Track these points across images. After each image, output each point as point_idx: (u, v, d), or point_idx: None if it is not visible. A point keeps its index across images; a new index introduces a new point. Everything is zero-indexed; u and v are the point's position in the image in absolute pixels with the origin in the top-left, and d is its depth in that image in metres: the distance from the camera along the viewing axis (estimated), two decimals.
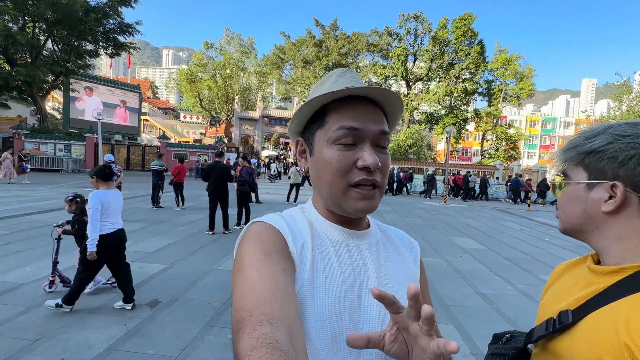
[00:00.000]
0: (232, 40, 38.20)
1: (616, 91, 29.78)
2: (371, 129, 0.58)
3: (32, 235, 5.84)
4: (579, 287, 0.62)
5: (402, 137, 28.46)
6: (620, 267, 0.56)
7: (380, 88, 0.58)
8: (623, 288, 0.54)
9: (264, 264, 0.49)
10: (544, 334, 0.60)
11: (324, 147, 0.59)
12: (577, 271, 0.69)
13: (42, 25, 19.70)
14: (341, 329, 0.54)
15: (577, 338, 0.55)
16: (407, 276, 0.65)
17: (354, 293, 0.57)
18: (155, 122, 42.36)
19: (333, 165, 0.57)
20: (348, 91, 0.57)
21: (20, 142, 19.32)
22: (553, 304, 0.66)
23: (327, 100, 0.59)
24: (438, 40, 30.46)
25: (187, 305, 3.48)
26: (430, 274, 4.91)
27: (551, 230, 9.48)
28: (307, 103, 0.60)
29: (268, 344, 0.37)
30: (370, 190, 0.57)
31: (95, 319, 3.08)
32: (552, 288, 0.73)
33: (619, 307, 0.52)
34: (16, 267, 4.29)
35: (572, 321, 0.56)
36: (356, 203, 0.57)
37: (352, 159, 0.57)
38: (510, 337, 0.72)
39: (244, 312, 0.42)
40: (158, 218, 8.00)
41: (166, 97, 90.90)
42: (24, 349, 2.56)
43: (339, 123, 0.58)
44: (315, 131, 0.61)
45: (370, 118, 0.58)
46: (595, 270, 0.61)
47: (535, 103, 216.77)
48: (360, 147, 0.57)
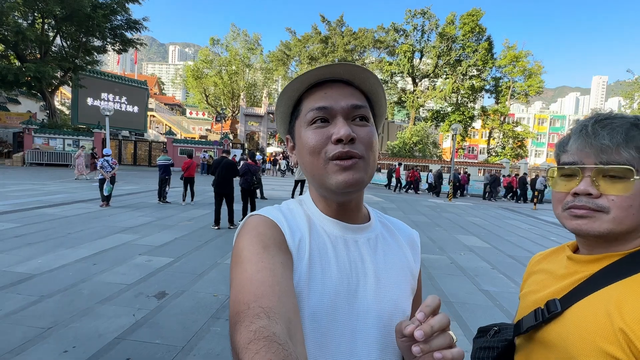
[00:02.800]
0: (238, 36, 38.22)
1: (627, 89, 29.27)
2: (341, 105, 0.58)
3: (43, 228, 5.97)
4: (561, 276, 0.64)
5: (408, 134, 28.30)
6: (603, 255, 0.58)
7: (341, 63, 0.58)
8: (609, 275, 0.56)
9: (261, 258, 0.49)
10: (533, 324, 0.60)
11: (302, 132, 0.60)
12: (556, 261, 0.70)
13: (51, 22, 19.90)
14: (336, 323, 0.54)
15: (567, 326, 0.56)
16: (405, 271, 0.65)
17: (350, 288, 0.57)
18: (161, 118, 42.67)
19: (309, 144, 0.57)
20: (310, 73, 0.57)
21: (30, 137, 19.64)
22: (535, 293, 0.66)
23: (299, 89, 0.61)
24: (445, 36, 30.12)
25: (194, 297, 3.55)
26: (433, 271, 4.93)
27: (557, 229, 9.40)
28: (279, 99, 0.62)
29: (265, 336, 0.37)
30: (349, 160, 0.56)
31: (105, 310, 3.16)
32: (531, 279, 0.73)
33: (609, 293, 0.53)
34: (29, 259, 4.41)
35: (561, 310, 0.57)
36: (337, 176, 0.56)
37: (327, 134, 0.57)
38: (498, 330, 0.71)
39: (242, 305, 0.42)
40: (164, 213, 8.11)
41: (172, 93, 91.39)
42: (37, 337, 2.65)
43: (310, 106, 0.59)
44: (294, 123, 0.63)
45: (340, 94, 0.58)
46: (578, 259, 0.62)
47: (543, 100, 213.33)
48: (333, 123, 0.57)
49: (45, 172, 16.38)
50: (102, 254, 4.77)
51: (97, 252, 4.86)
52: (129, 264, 4.44)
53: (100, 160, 8.49)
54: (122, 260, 4.58)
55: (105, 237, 5.69)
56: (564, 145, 0.64)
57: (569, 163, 0.60)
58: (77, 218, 6.98)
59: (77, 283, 3.72)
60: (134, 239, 5.66)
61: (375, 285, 0.59)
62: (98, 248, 5.03)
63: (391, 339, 0.58)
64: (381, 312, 0.58)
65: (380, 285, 0.59)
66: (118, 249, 5.10)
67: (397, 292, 0.61)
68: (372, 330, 0.57)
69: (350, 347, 0.55)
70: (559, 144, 0.66)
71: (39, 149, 19.73)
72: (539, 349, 0.61)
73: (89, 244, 5.23)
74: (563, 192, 0.61)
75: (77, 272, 4.03)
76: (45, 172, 16.66)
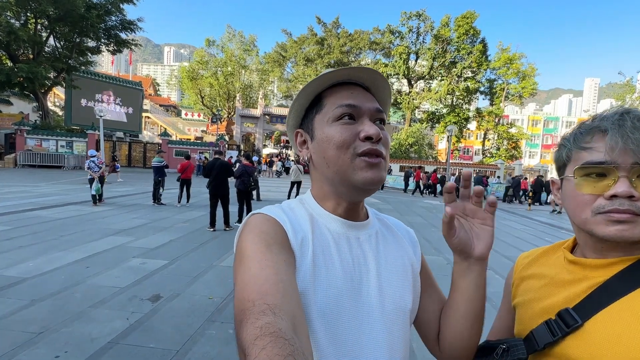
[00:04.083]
0: (234, 37, 38.14)
1: (619, 91, 29.64)
2: (367, 106, 0.60)
3: (34, 231, 5.88)
4: (567, 282, 0.59)
5: (404, 135, 28.41)
6: (616, 260, 0.55)
7: (368, 68, 0.61)
8: (626, 281, 0.52)
9: (265, 256, 0.50)
10: (551, 340, 0.55)
11: (325, 127, 0.60)
12: (551, 264, 0.65)
13: (44, 22, 19.69)
14: (342, 319, 0.55)
15: (594, 340, 0.51)
16: (407, 265, 0.66)
17: (354, 284, 0.58)
18: (156, 120, 42.42)
19: (336, 138, 0.58)
20: (339, 72, 0.60)
21: (22, 139, 19.39)
22: (538, 301, 0.61)
23: (322, 85, 0.62)
24: (440, 38, 30.34)
25: (189, 300, 3.51)
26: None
27: (551, 230, 9.48)
28: (302, 92, 0.62)
29: (272, 332, 0.38)
30: (377, 159, 0.58)
31: (98, 313, 3.11)
32: (525, 285, 0.67)
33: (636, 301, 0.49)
34: (19, 262, 4.33)
35: (581, 322, 0.52)
36: (364, 172, 0.57)
37: (354, 131, 0.58)
38: (507, 348, 0.62)
39: (247, 303, 0.43)
40: (159, 215, 8.03)
41: (167, 95, 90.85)
42: (28, 342, 2.60)
43: (337, 102, 0.60)
44: (314, 117, 0.63)
45: (364, 97, 0.61)
46: (585, 263, 0.58)
47: (537, 102, 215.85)
48: (360, 121, 0.59)
49: (37, 174, 16.17)
50: (95, 257, 4.70)
51: (90, 254, 4.79)
52: (123, 267, 4.38)
53: (87, 161, 8.81)
54: (115, 263, 4.51)
55: (98, 239, 5.61)
56: (582, 141, 0.57)
57: (598, 162, 0.53)
58: (70, 220, 6.89)
59: (69, 286, 3.66)
60: (128, 241, 5.59)
61: (378, 281, 0.60)
62: (91, 251, 4.96)
63: (396, 333, 0.59)
64: (384, 307, 0.59)
65: (382, 281, 0.61)
66: (112, 251, 5.03)
67: (399, 287, 0.63)
68: (377, 325, 0.58)
69: (357, 342, 0.56)
70: (575, 140, 0.58)
71: (31, 150, 19.48)
72: None
73: (81, 246, 5.15)
74: (593, 194, 0.54)
75: (69, 276, 3.96)
76: (37, 173, 16.45)
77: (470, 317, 0.63)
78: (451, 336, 0.64)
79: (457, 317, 0.64)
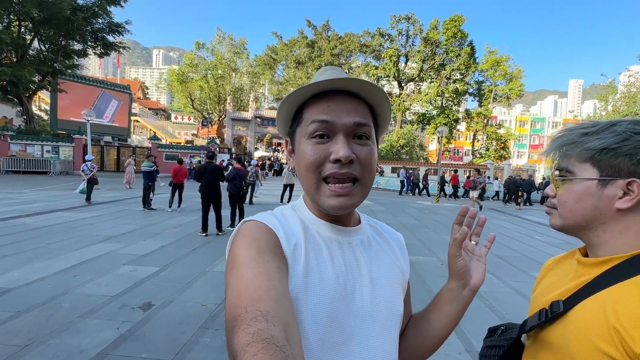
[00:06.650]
0: (224, 40, 37.96)
1: (602, 92, 30.51)
2: (344, 121, 0.56)
3: (19, 239, 5.70)
4: (569, 279, 0.64)
5: (395, 137, 28.64)
6: (608, 258, 0.59)
7: (351, 79, 0.56)
8: (610, 277, 0.57)
9: (257, 262, 0.49)
10: (536, 324, 0.62)
11: (302, 142, 0.59)
12: (566, 265, 0.71)
13: (28, 24, 19.27)
14: (335, 324, 0.55)
15: (568, 326, 0.57)
16: (397, 271, 0.67)
17: (347, 290, 0.58)
18: (145, 123, 41.82)
19: (306, 159, 0.57)
20: (317, 85, 0.56)
21: (6, 144, 18.86)
22: (544, 295, 0.68)
23: (302, 97, 0.59)
24: (429, 41, 30.77)
25: (181, 307, 3.44)
26: (424, 273, 4.95)
27: (541, 228, 9.65)
28: (284, 101, 0.60)
29: (264, 339, 0.37)
30: (344, 186, 0.56)
31: (87, 324, 3.02)
32: (543, 282, 0.75)
33: (607, 294, 0.54)
34: (4, 272, 4.18)
35: (563, 310, 0.58)
36: (330, 200, 0.57)
37: (326, 152, 0.56)
38: (505, 329, 0.75)
39: (239, 309, 0.42)
40: (150, 220, 7.89)
41: (157, 98, 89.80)
42: (14, 355, 2.50)
43: (312, 117, 0.58)
44: (296, 129, 0.62)
45: (344, 109, 0.57)
46: (585, 262, 0.63)
47: (524, 103, 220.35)
48: (334, 139, 0.57)
49: (22, 180, 15.73)
50: (83, 265, 4.58)
51: (78, 262, 4.66)
52: (113, 275, 4.27)
53: (82, 165, 9.84)
54: (105, 270, 4.40)
55: (86, 246, 5.47)
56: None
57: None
58: (57, 227, 6.71)
59: (56, 296, 3.54)
60: (117, 248, 5.46)
61: (371, 286, 0.61)
62: (79, 258, 4.82)
63: (388, 338, 0.60)
64: (377, 312, 0.60)
65: (375, 286, 0.61)
66: (100, 258, 4.90)
67: (391, 292, 0.63)
68: (370, 330, 0.58)
69: (350, 347, 0.56)
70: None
71: (15, 156, 18.96)
72: (544, 350, 0.62)
73: (69, 254, 5.01)
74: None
75: (56, 285, 3.84)
76: (22, 180, 16.00)
77: (439, 337, 0.69)
78: (414, 346, 0.70)
79: (427, 333, 0.69)
